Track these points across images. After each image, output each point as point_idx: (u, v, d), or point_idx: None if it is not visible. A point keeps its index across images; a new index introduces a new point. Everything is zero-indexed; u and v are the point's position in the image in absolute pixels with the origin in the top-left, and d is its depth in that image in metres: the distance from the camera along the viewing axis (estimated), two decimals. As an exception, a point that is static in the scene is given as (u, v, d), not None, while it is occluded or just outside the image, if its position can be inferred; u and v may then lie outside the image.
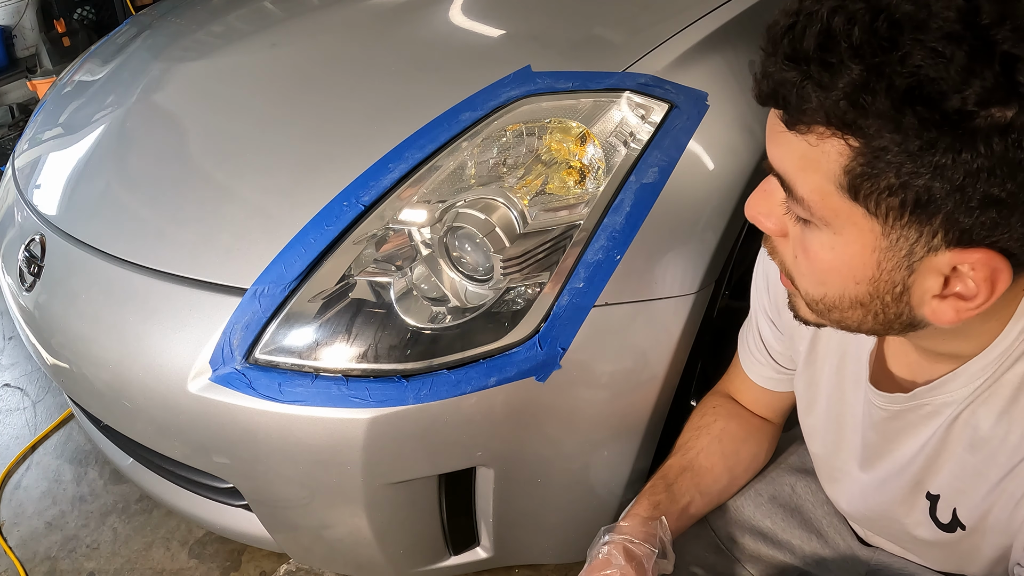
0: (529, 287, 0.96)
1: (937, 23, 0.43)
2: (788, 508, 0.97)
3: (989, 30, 0.43)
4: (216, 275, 1.00)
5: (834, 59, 0.46)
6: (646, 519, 0.85)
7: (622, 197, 0.98)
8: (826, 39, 0.46)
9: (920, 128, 0.45)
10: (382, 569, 1.16)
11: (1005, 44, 0.43)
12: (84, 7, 3.35)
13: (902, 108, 0.45)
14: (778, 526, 0.96)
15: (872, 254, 0.53)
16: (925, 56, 0.43)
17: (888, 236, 0.51)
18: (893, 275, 0.53)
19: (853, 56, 0.45)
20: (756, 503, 0.98)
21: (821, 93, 0.47)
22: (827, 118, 0.48)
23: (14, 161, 1.42)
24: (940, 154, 0.45)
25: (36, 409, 1.84)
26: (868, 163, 0.48)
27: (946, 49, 0.43)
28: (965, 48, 0.43)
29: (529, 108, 1.07)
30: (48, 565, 1.49)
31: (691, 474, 0.93)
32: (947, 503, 0.72)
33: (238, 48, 1.46)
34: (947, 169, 0.45)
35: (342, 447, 0.94)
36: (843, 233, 0.53)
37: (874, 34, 0.45)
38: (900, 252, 0.52)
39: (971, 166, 0.45)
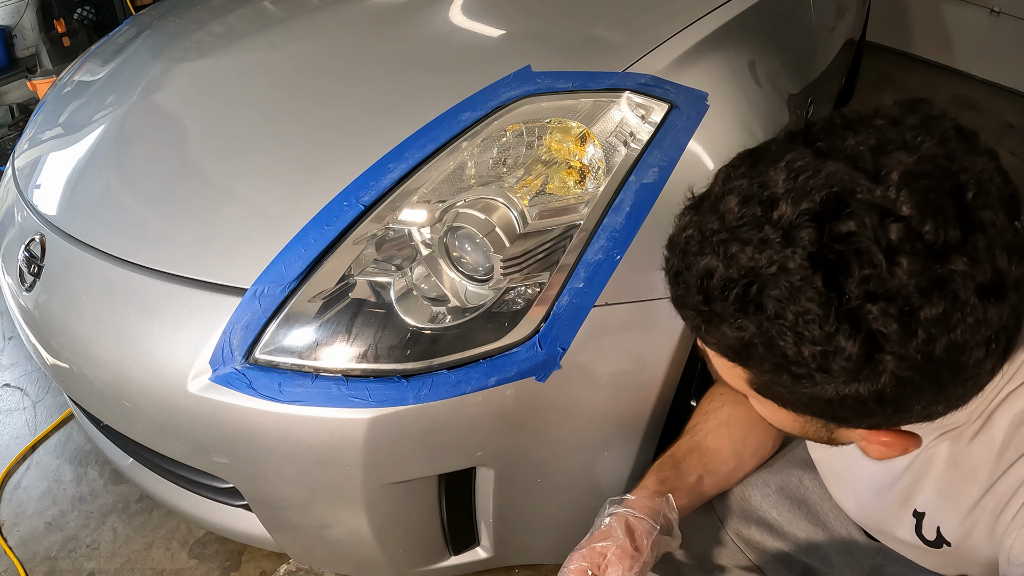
0: (529, 287, 0.96)
1: (799, 307, 0.47)
2: (795, 500, 0.97)
3: (857, 311, 0.46)
4: (216, 275, 1.00)
5: (712, 316, 0.51)
6: (653, 494, 0.86)
7: (622, 197, 0.98)
8: (705, 296, 0.51)
9: (793, 380, 0.51)
10: (382, 569, 1.16)
11: (870, 323, 0.46)
12: (84, 7, 3.35)
13: (775, 369, 0.51)
14: (784, 517, 0.96)
15: (795, 422, 0.60)
16: (789, 339, 0.48)
17: (802, 417, 0.58)
18: (819, 433, 0.61)
19: (725, 320, 0.51)
20: (763, 493, 0.98)
21: (711, 340, 0.54)
22: (720, 354, 0.55)
23: (14, 161, 1.41)
24: (814, 388, 0.50)
25: (36, 409, 1.84)
26: (762, 385, 0.55)
27: (808, 331, 0.47)
28: (825, 331, 0.46)
29: (529, 108, 1.07)
30: (48, 565, 1.49)
31: (699, 454, 0.93)
32: (931, 521, 0.73)
33: (238, 48, 1.46)
34: (827, 400, 0.51)
35: (342, 447, 0.94)
36: (767, 407, 0.60)
37: (743, 302, 0.49)
38: (818, 424, 0.59)
39: (844, 400, 0.50)
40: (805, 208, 0.47)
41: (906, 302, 0.45)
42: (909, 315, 0.46)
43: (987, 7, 3.17)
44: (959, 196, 0.47)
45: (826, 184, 0.47)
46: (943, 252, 0.45)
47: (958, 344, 0.47)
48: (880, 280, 0.45)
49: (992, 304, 0.46)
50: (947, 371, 0.49)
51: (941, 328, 0.46)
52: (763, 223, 0.48)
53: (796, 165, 0.49)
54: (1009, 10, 3.12)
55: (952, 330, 0.46)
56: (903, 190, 0.45)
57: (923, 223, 0.45)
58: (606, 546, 0.79)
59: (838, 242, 0.46)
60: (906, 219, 0.45)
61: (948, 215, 0.46)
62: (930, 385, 0.50)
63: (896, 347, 0.47)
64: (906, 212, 0.45)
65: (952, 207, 0.46)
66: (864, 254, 0.45)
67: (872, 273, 0.45)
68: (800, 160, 0.49)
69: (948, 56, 3.41)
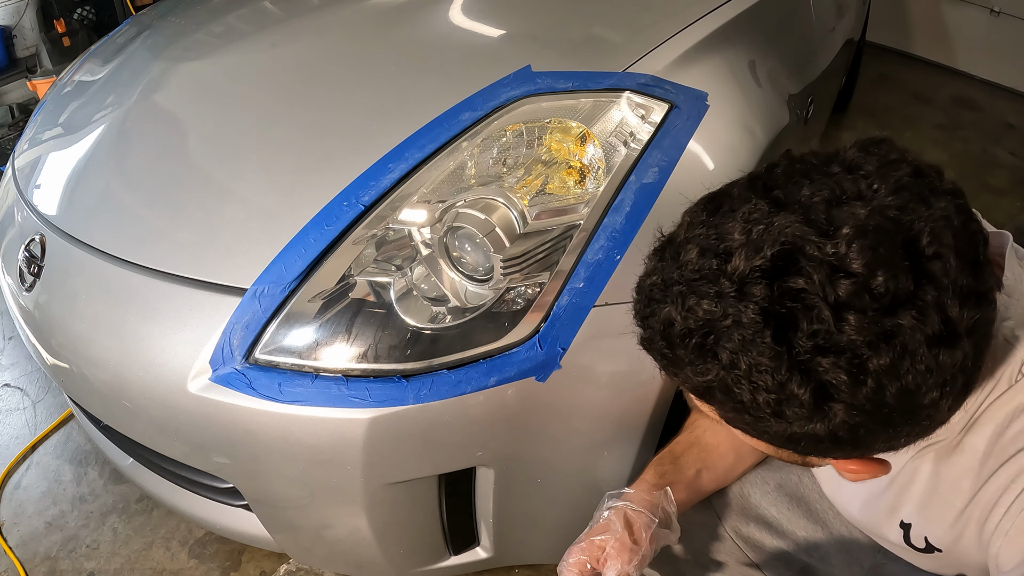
0: (529, 287, 0.96)
1: (750, 359, 0.48)
2: (794, 498, 0.97)
3: (807, 363, 0.47)
4: (216, 275, 1.00)
5: (676, 361, 0.54)
6: (651, 488, 0.86)
7: (622, 197, 0.98)
8: (667, 342, 0.54)
9: (755, 419, 0.53)
10: (382, 569, 1.16)
11: (821, 374, 0.47)
12: (84, 7, 3.34)
13: (736, 411, 0.53)
14: (783, 515, 0.97)
15: (768, 447, 0.61)
16: (744, 387, 0.50)
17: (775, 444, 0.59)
18: (793, 458, 0.62)
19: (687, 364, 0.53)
20: (762, 491, 0.98)
21: (677, 380, 0.57)
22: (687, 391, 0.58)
23: (14, 161, 1.41)
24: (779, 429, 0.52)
25: (36, 409, 1.84)
26: (729, 420, 0.57)
27: (761, 380, 0.49)
28: (778, 380, 0.48)
29: (529, 108, 1.07)
30: (48, 565, 1.49)
31: (697, 449, 0.94)
32: (918, 531, 0.74)
33: (238, 48, 1.46)
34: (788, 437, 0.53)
35: (342, 447, 0.94)
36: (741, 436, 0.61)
37: (702, 351, 0.51)
38: (790, 451, 0.59)
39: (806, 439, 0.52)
40: (757, 264, 0.48)
41: (854, 355, 0.46)
42: (857, 367, 0.47)
43: (987, 7, 3.18)
44: (911, 247, 0.47)
45: (778, 240, 0.48)
46: (891, 306, 0.46)
47: (909, 390, 0.48)
48: (828, 335, 0.46)
49: (944, 351, 0.47)
50: (900, 415, 0.50)
51: (890, 377, 0.47)
52: (719, 276, 0.50)
53: (752, 217, 0.50)
54: (1009, 10, 3.12)
55: (901, 378, 0.47)
56: (853, 245, 0.46)
57: (872, 278, 0.46)
58: (605, 539, 0.80)
59: (788, 298, 0.47)
60: (855, 275, 0.46)
61: (898, 268, 0.46)
62: (884, 427, 0.51)
63: (846, 396, 0.48)
64: (855, 268, 0.46)
65: (902, 259, 0.47)
66: (813, 309, 0.46)
67: (820, 328, 0.46)
68: (756, 212, 0.51)
69: (948, 56, 3.41)
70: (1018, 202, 2.51)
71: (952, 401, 0.51)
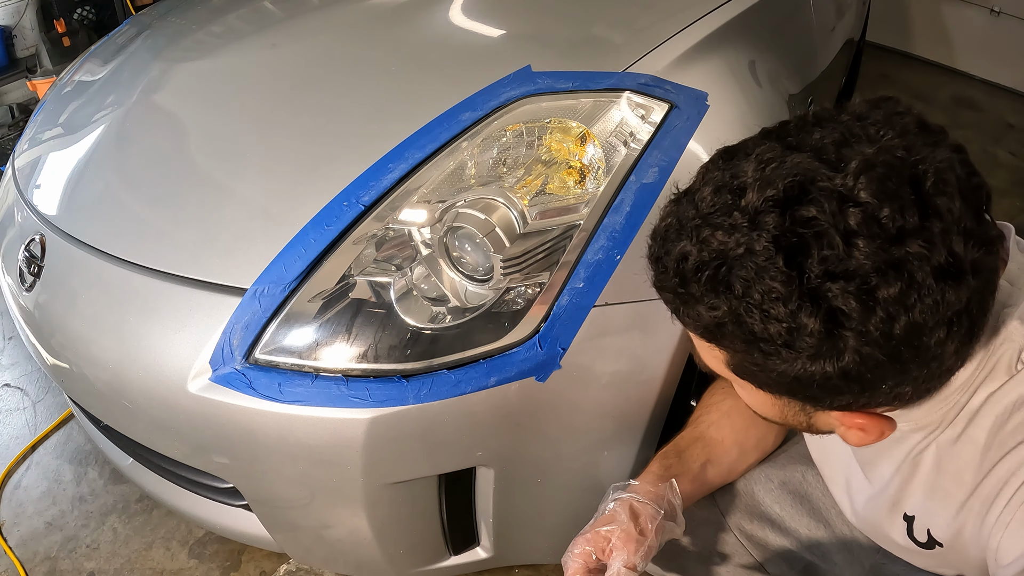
0: (529, 287, 0.96)
1: (764, 286, 0.49)
2: (798, 495, 0.97)
3: (819, 288, 0.48)
4: (216, 275, 1.00)
5: (688, 298, 0.55)
6: (656, 480, 0.86)
7: (622, 197, 0.98)
8: (681, 279, 0.54)
9: (765, 357, 0.53)
10: (382, 569, 1.16)
11: (832, 299, 0.48)
12: (84, 7, 3.34)
13: (747, 347, 0.53)
14: (787, 513, 0.97)
15: (774, 407, 0.62)
16: (756, 316, 0.50)
17: (779, 399, 0.60)
18: (798, 418, 0.63)
19: (699, 300, 0.54)
20: (766, 488, 0.98)
21: (688, 321, 0.57)
22: (693, 331, 0.58)
23: (14, 161, 1.41)
24: (789, 368, 0.53)
25: (36, 409, 1.84)
26: (738, 364, 0.57)
27: (773, 309, 0.50)
28: (790, 308, 0.49)
29: (529, 108, 1.07)
30: (48, 565, 1.49)
31: (702, 443, 0.94)
32: (921, 524, 0.74)
33: (238, 48, 1.46)
34: (797, 378, 0.53)
35: (342, 447, 0.94)
36: (746, 389, 0.63)
37: (715, 282, 0.52)
38: (795, 407, 0.61)
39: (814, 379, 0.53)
40: (770, 195, 0.50)
41: (864, 281, 0.48)
42: (867, 293, 0.48)
43: (987, 7, 3.17)
44: (916, 184, 0.49)
45: (790, 173, 0.50)
46: (899, 235, 0.48)
47: (917, 324, 0.49)
48: (839, 260, 0.48)
49: (950, 286, 0.48)
50: (908, 351, 0.50)
51: (899, 307, 0.48)
52: (732, 209, 0.51)
53: (765, 157, 0.52)
54: (1009, 10, 3.12)
55: (910, 310, 0.48)
56: (861, 177, 0.48)
57: (880, 208, 0.48)
58: (611, 530, 0.79)
59: (800, 226, 0.49)
60: (864, 204, 0.48)
61: (905, 201, 0.48)
62: (893, 364, 0.51)
63: (856, 324, 0.49)
64: (864, 198, 0.48)
65: (909, 194, 0.48)
66: (823, 236, 0.48)
67: (831, 254, 0.48)
68: (769, 152, 0.52)
69: (948, 56, 3.41)
70: (1018, 202, 2.51)
71: (958, 345, 0.52)
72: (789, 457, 1.01)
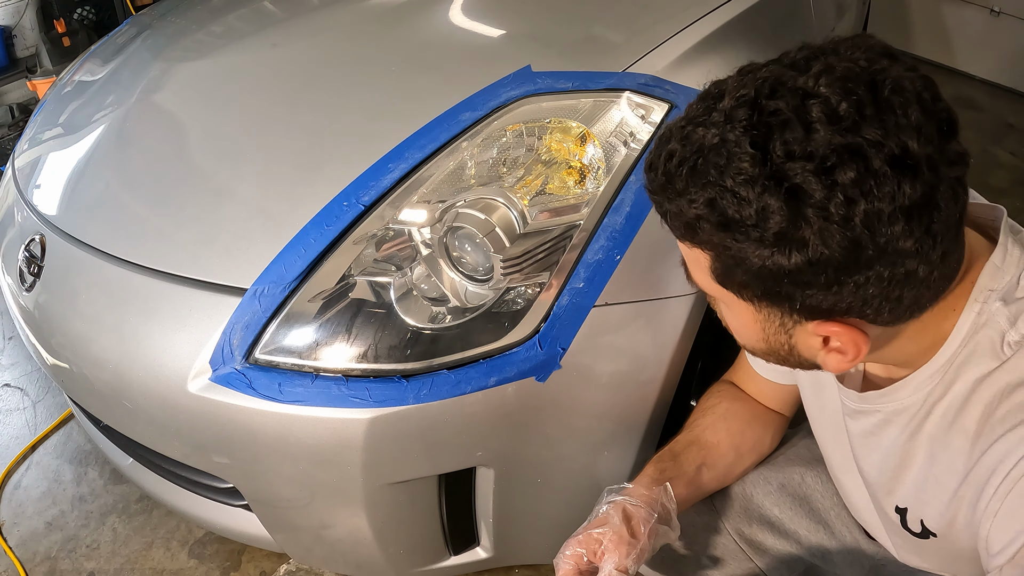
0: (529, 287, 0.96)
1: (735, 168, 0.54)
2: (797, 497, 0.98)
3: (782, 167, 0.53)
4: (216, 275, 1.00)
5: (673, 195, 0.59)
6: (651, 484, 0.86)
7: (622, 197, 0.98)
8: (667, 179, 0.59)
9: (740, 246, 0.57)
10: (382, 569, 1.16)
11: (794, 178, 0.52)
12: (84, 7, 3.34)
13: (723, 236, 0.57)
14: (786, 515, 0.97)
15: (756, 323, 0.65)
16: (729, 199, 0.55)
17: (760, 312, 0.63)
18: (778, 337, 0.65)
19: (681, 194, 0.58)
20: (765, 491, 0.98)
21: (674, 221, 0.61)
22: (681, 236, 0.63)
23: (14, 161, 1.41)
24: (762, 261, 0.56)
25: (36, 409, 1.84)
26: (721, 265, 0.61)
27: (743, 191, 0.54)
28: (758, 190, 0.53)
29: (529, 108, 1.07)
30: (48, 565, 1.49)
31: (697, 447, 0.94)
32: (915, 514, 0.74)
33: (238, 48, 1.46)
34: (772, 272, 0.57)
35: (342, 447, 0.94)
36: (732, 307, 0.66)
37: (694, 175, 0.57)
38: (775, 322, 0.64)
39: (785, 269, 0.56)
40: (742, 95, 0.56)
41: (823, 161, 0.52)
42: (826, 173, 0.52)
43: (987, 7, 3.17)
44: (874, 88, 0.53)
45: (762, 77, 0.56)
46: (855, 125, 0.52)
47: (875, 211, 0.52)
48: (799, 143, 0.52)
49: (905, 177, 0.52)
50: (868, 240, 0.53)
51: (856, 191, 0.52)
52: (711, 111, 0.57)
53: (743, 70, 0.59)
54: (1009, 10, 3.11)
55: (867, 196, 0.52)
56: (822, 77, 0.53)
57: (839, 103, 0.52)
58: (602, 532, 0.80)
59: (767, 116, 0.54)
60: (824, 98, 0.53)
61: (862, 98, 0.53)
62: (855, 252, 0.54)
63: (817, 203, 0.52)
64: (824, 93, 0.53)
65: (866, 93, 0.53)
66: (787, 124, 0.53)
67: (793, 138, 0.52)
68: (748, 67, 0.59)
69: (948, 56, 3.40)
70: (1018, 202, 2.51)
71: (916, 244, 0.54)
72: (788, 459, 1.01)
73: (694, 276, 0.67)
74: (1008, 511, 0.61)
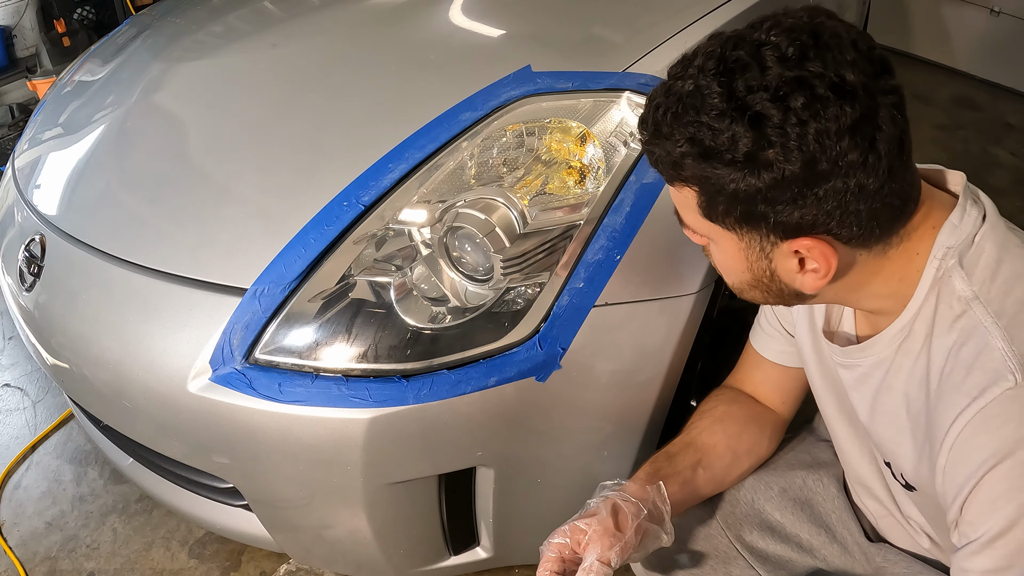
0: (529, 287, 0.96)
1: (709, 104, 0.64)
2: (798, 501, 0.98)
3: (745, 99, 0.62)
4: (216, 275, 1.00)
5: (660, 139, 0.68)
6: (645, 482, 0.87)
7: (622, 197, 0.98)
8: (655, 127, 0.68)
9: (718, 174, 0.65)
10: (382, 569, 1.16)
11: (756, 107, 0.62)
12: (84, 7, 3.34)
13: (704, 167, 0.66)
14: (787, 519, 0.97)
15: (740, 252, 0.72)
16: (705, 131, 0.64)
17: (743, 239, 0.70)
18: (760, 263, 0.72)
19: (667, 137, 0.67)
20: (766, 496, 0.98)
21: (663, 164, 0.70)
22: (671, 178, 0.71)
23: (14, 161, 1.41)
24: (737, 183, 0.65)
25: (36, 409, 1.84)
26: (706, 198, 0.69)
27: (716, 123, 0.63)
28: (727, 120, 0.63)
29: (529, 108, 1.07)
30: (48, 565, 1.49)
31: (693, 449, 0.95)
32: (896, 468, 0.79)
33: (238, 48, 1.46)
34: (744, 193, 0.65)
35: (342, 447, 0.94)
36: (720, 243, 0.73)
37: (676, 119, 0.66)
38: (755, 248, 0.70)
39: (758, 187, 0.64)
40: (711, 50, 0.66)
41: (777, 91, 0.62)
42: (781, 100, 0.61)
43: (987, 7, 3.17)
44: (816, 35, 0.63)
45: (726, 37, 0.67)
46: (800, 62, 0.62)
47: (824, 130, 0.61)
48: (757, 79, 0.62)
49: (845, 101, 0.61)
50: (821, 155, 0.62)
51: (808, 114, 0.61)
52: (687, 67, 0.67)
53: (713, 35, 0.68)
54: (1009, 10, 3.11)
55: (816, 117, 0.61)
56: (773, 30, 0.64)
57: (787, 47, 0.63)
58: (589, 523, 0.81)
59: (731, 64, 0.64)
60: (774, 44, 0.63)
61: (805, 43, 0.63)
62: (813, 167, 0.62)
63: (776, 126, 0.61)
64: (774, 40, 0.63)
65: (809, 39, 0.63)
66: (747, 66, 0.63)
67: (751, 75, 0.63)
68: (716, 33, 0.69)
69: (948, 56, 3.40)
70: (1018, 202, 2.51)
71: (863, 155, 0.63)
72: (788, 464, 1.01)
73: (685, 218, 0.75)
74: (952, 465, 0.66)
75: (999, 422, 0.63)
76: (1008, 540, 0.63)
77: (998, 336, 0.65)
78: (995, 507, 0.64)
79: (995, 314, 0.66)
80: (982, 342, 0.66)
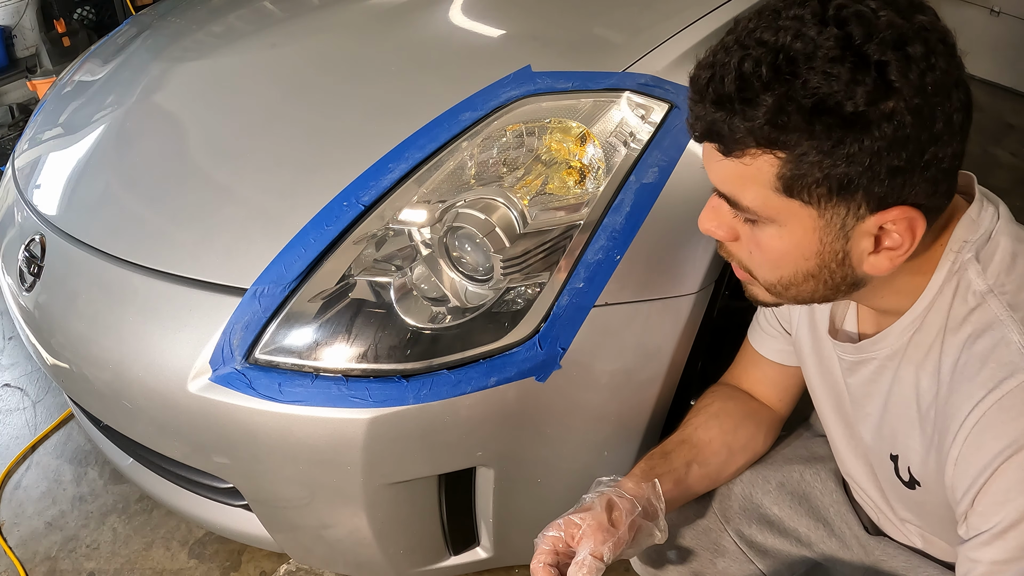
0: (529, 287, 0.96)
1: (823, 52, 0.58)
2: (796, 495, 0.98)
3: (862, 47, 0.58)
4: (216, 275, 1.00)
5: (751, 95, 0.60)
6: (640, 479, 0.88)
7: (622, 197, 0.98)
8: (742, 82, 0.60)
9: (828, 131, 0.59)
10: (382, 569, 1.16)
11: (876, 55, 0.58)
12: (84, 7, 3.35)
13: (812, 120, 0.59)
14: (785, 513, 0.97)
15: (814, 233, 0.66)
16: (819, 79, 0.58)
17: (823, 216, 0.64)
18: (834, 245, 0.66)
19: (764, 90, 0.59)
20: (764, 490, 0.98)
21: (747, 123, 0.61)
22: (756, 141, 0.62)
23: (14, 161, 1.41)
24: (848, 146, 0.59)
25: (36, 409, 1.84)
26: (795, 167, 0.62)
27: (833, 69, 0.58)
28: (847, 65, 0.58)
29: (529, 108, 1.07)
30: (48, 565, 1.49)
31: (688, 446, 0.95)
32: (904, 461, 0.78)
33: (238, 48, 1.46)
34: (856, 156, 0.60)
35: (342, 447, 0.94)
36: (787, 224, 0.66)
37: (777, 71, 0.59)
38: (836, 226, 0.65)
39: (873, 149, 0.59)
40: (805, 2, 0.61)
41: (894, 40, 0.58)
42: (900, 48, 0.58)
43: (987, 7, 3.17)
44: None
45: None
46: (909, 12, 0.60)
47: (941, 82, 0.59)
48: (874, 25, 0.58)
49: (952, 57, 0.60)
50: (940, 112, 0.59)
51: (925, 64, 0.59)
52: (776, 19, 0.61)
53: None
54: (1009, 10, 3.11)
55: (933, 68, 0.59)
56: None
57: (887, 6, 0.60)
58: (583, 518, 0.81)
59: (838, 12, 0.60)
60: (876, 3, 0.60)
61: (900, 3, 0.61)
62: (927, 124, 0.59)
63: (899, 72, 0.58)
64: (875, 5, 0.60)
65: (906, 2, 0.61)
66: (858, 14, 0.59)
67: (867, 22, 0.59)
68: None
69: (948, 56, 3.41)
70: (1018, 202, 2.51)
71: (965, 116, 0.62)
72: (786, 458, 1.01)
73: (743, 198, 0.66)
74: (965, 457, 0.66)
75: (1015, 414, 0.63)
76: (1020, 531, 0.63)
77: (1014, 329, 0.65)
78: (1008, 498, 0.63)
79: (1010, 307, 0.66)
80: (998, 335, 0.65)
